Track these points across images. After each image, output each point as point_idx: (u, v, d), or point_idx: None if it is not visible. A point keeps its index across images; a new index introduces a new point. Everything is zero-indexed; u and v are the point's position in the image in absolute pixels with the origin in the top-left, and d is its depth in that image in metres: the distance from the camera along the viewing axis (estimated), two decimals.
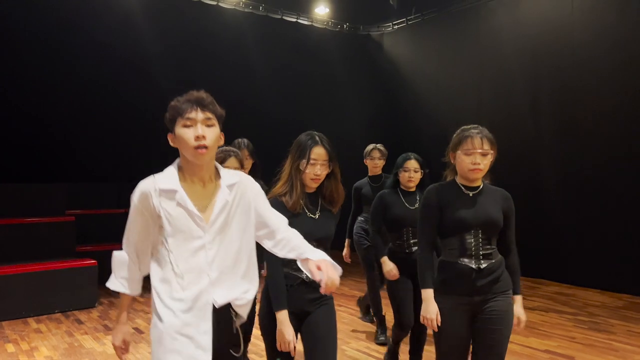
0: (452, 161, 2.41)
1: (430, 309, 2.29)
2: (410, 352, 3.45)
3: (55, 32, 6.62)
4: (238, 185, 1.81)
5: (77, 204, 6.64)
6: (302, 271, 2.15)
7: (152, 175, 1.75)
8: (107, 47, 6.94)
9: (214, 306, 1.71)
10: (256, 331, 2.75)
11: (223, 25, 8.00)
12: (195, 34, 7.69)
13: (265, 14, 8.47)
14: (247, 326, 2.15)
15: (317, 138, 2.36)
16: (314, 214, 2.33)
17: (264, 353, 2.37)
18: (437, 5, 8.28)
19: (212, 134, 1.72)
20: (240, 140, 3.90)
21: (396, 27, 9.17)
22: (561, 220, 6.59)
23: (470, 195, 2.36)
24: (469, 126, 2.42)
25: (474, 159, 2.31)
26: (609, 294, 5.97)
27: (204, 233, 1.71)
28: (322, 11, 9.02)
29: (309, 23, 9.06)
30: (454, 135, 2.44)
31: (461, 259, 2.30)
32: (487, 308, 2.29)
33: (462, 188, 2.38)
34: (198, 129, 1.69)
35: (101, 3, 6.96)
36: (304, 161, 2.30)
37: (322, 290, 1.70)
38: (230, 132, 7.04)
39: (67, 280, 5.23)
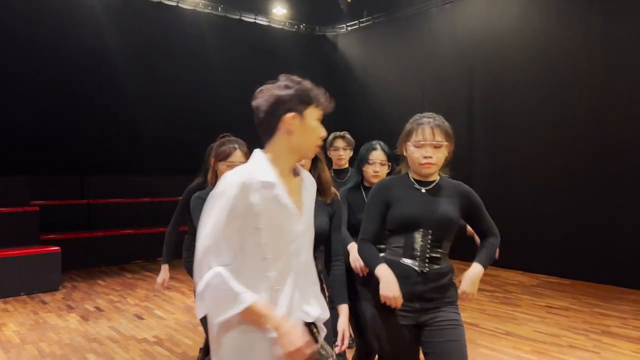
0: (404, 153, 2.16)
1: (392, 287, 1.96)
2: None
3: (19, 27, 6.92)
4: (313, 182, 1.71)
5: (42, 195, 7.00)
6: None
7: (240, 167, 1.58)
8: (69, 44, 7.30)
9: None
10: None
11: (183, 26, 8.42)
12: (156, 34, 8.08)
13: (223, 14, 8.93)
14: None
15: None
16: None
17: None
18: (385, 10, 8.89)
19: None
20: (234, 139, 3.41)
21: (349, 28, 9.74)
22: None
23: (423, 191, 2.12)
24: (422, 114, 2.21)
25: (425, 151, 2.08)
26: (528, 274, 6.70)
27: (299, 234, 1.56)
28: (279, 12, 9.51)
29: (267, 23, 9.54)
30: (407, 123, 2.22)
31: (403, 259, 2.06)
32: (434, 318, 2.04)
33: (414, 183, 2.14)
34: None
35: (63, 2, 7.29)
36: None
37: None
38: (188, 130, 7.64)
39: (32, 266, 5.65)
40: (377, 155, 2.78)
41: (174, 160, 8.31)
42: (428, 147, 2.06)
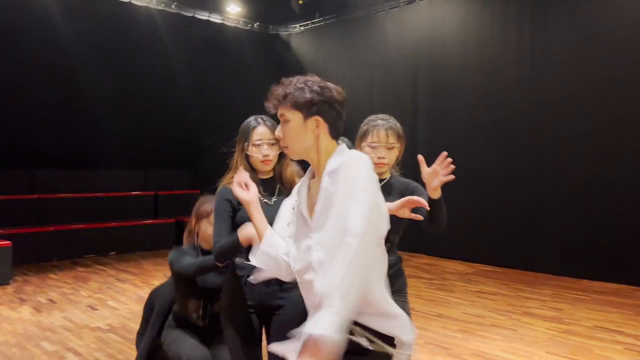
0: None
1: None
2: None
3: None
4: (337, 172, 1.48)
5: None
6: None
7: (349, 154, 1.53)
8: (21, 38, 7.25)
9: None
10: None
11: (137, 22, 8.45)
12: (110, 30, 8.10)
13: (177, 11, 9.01)
14: None
15: (259, 119, 2.24)
16: (269, 200, 2.15)
17: None
18: (336, 12, 9.22)
19: (285, 129, 1.63)
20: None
21: (302, 28, 10.02)
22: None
23: None
24: (377, 116, 2.31)
25: (379, 152, 2.21)
26: (465, 264, 7.21)
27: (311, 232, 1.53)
28: (233, 10, 9.67)
29: (221, 21, 9.69)
30: (362, 124, 2.32)
31: None
32: None
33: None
34: (277, 130, 1.70)
35: (16, 4, 7.22)
36: (247, 144, 2.19)
37: None
38: (141, 125, 7.77)
39: None
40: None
41: (126, 154, 8.39)
42: (382, 148, 2.20)
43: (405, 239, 2.49)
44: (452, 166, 2.02)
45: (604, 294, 5.58)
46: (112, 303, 5.15)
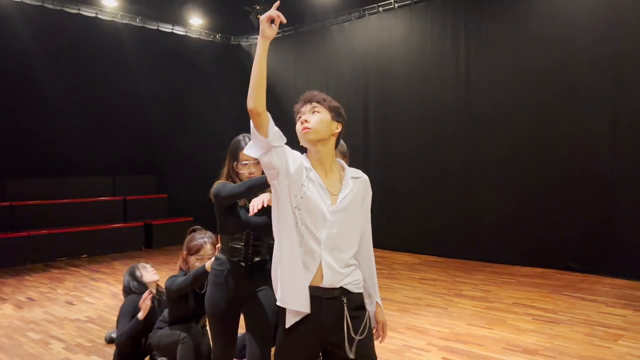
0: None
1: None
2: None
3: None
4: (361, 180, 2.04)
5: None
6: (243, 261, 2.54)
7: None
8: None
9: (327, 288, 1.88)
10: None
11: (102, 35, 8.88)
12: (76, 43, 8.51)
13: (142, 25, 9.48)
14: None
15: (246, 138, 2.53)
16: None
17: None
18: (294, 25, 9.85)
19: (315, 118, 1.95)
20: (203, 232, 3.48)
21: None
22: (383, 202, 8.49)
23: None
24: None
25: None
26: (413, 255, 7.93)
27: (330, 213, 1.89)
28: (195, 22, 10.16)
29: (184, 33, 10.19)
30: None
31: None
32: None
33: None
34: (303, 116, 1.98)
35: None
36: (236, 163, 2.55)
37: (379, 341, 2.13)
38: (107, 134, 8.31)
39: None
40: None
41: (93, 162, 8.81)
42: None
43: None
44: None
45: (529, 277, 6.37)
46: (88, 299, 5.63)
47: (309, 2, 8.80)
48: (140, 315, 3.33)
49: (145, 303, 3.33)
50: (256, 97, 1.83)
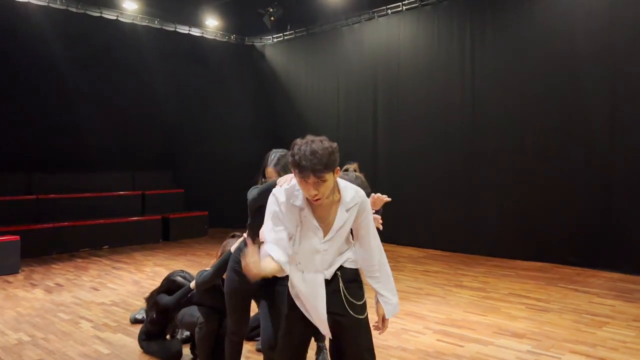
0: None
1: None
2: None
3: None
4: (355, 208, 2.23)
5: None
6: None
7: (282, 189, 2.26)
8: (19, 53, 8.10)
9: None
10: None
11: (123, 37, 9.32)
12: (99, 45, 8.96)
13: (160, 26, 9.90)
14: None
15: (271, 157, 2.97)
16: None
17: None
18: (306, 26, 10.20)
19: (324, 189, 2.10)
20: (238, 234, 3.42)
21: (275, 40, 10.96)
22: (388, 194, 8.81)
23: None
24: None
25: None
26: (419, 249, 8.24)
27: (322, 243, 2.21)
28: (211, 24, 10.56)
29: (200, 34, 10.58)
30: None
31: None
32: None
33: None
34: (311, 190, 2.09)
35: (7, 18, 8.02)
36: (264, 175, 2.99)
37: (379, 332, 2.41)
38: (127, 133, 8.80)
39: None
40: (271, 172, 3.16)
41: (114, 158, 9.27)
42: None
43: None
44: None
45: (528, 271, 6.65)
46: (112, 285, 6.06)
47: (320, 4, 9.14)
48: (192, 285, 3.52)
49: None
50: None
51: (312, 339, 3.56)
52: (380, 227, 2.79)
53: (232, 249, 3.08)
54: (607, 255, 6.52)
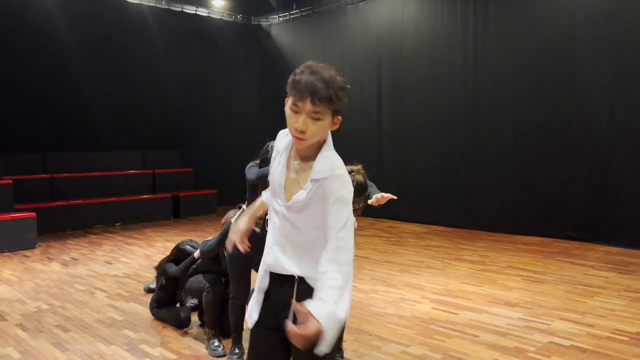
0: None
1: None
2: None
3: None
4: (321, 184, 1.65)
5: (9, 170, 7.99)
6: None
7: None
8: (27, 35, 8.27)
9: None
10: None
11: (130, 18, 9.45)
12: (106, 26, 9.10)
13: (167, 7, 10.00)
14: None
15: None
16: None
17: None
18: (311, 5, 10.25)
19: (315, 128, 1.64)
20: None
21: (281, 19, 11.02)
22: (396, 176, 8.98)
23: None
24: None
25: None
26: (422, 225, 8.42)
27: (281, 206, 1.75)
28: (218, 3, 10.63)
29: (207, 14, 10.67)
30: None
31: None
32: None
33: None
34: (300, 121, 1.63)
35: (24, 1, 8.19)
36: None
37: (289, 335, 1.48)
38: (137, 112, 9.05)
39: (13, 228, 6.80)
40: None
41: (124, 138, 9.49)
42: None
43: (371, 207, 3.19)
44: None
45: (528, 245, 6.80)
46: (124, 259, 6.32)
47: None
48: (196, 254, 3.79)
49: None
50: None
51: None
52: (394, 197, 2.92)
53: (233, 220, 3.27)
54: (605, 230, 6.65)
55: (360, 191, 2.98)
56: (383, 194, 2.99)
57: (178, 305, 4.23)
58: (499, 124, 7.63)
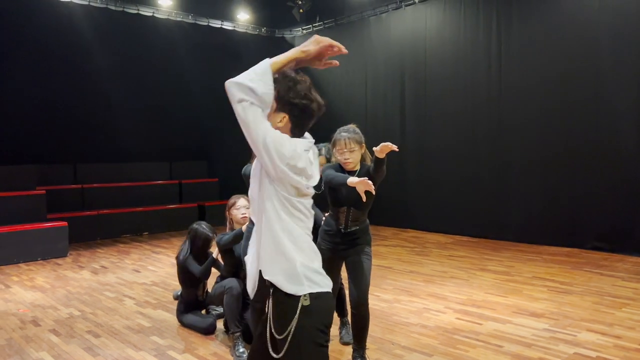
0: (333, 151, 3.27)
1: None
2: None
3: (20, 35, 8.17)
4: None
5: (42, 180, 8.27)
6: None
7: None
8: (62, 51, 8.59)
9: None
10: None
11: (159, 32, 9.74)
12: (136, 41, 9.40)
13: (193, 21, 10.26)
14: None
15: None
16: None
17: None
18: (334, 17, 10.38)
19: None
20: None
21: (304, 31, 11.18)
22: (419, 187, 8.98)
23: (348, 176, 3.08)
24: (341, 128, 3.24)
25: (344, 155, 3.17)
26: (446, 236, 8.37)
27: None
28: (243, 17, 10.85)
29: (232, 28, 10.90)
30: (334, 134, 3.23)
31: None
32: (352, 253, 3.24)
33: (343, 171, 3.19)
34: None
35: (51, 17, 8.51)
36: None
37: None
38: (163, 125, 9.29)
39: (46, 237, 7.03)
40: (321, 159, 3.70)
41: (152, 149, 9.73)
42: (346, 152, 3.16)
43: (395, 217, 3.55)
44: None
45: (555, 255, 6.71)
46: (152, 268, 6.46)
47: None
48: (215, 253, 4.12)
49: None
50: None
51: (335, 313, 3.85)
52: (373, 191, 2.81)
53: (243, 228, 3.58)
54: (635, 241, 6.51)
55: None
56: (385, 142, 2.95)
57: (204, 312, 4.32)
58: (525, 134, 7.57)
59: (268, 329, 1.79)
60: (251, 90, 1.75)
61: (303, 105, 1.84)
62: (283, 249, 1.76)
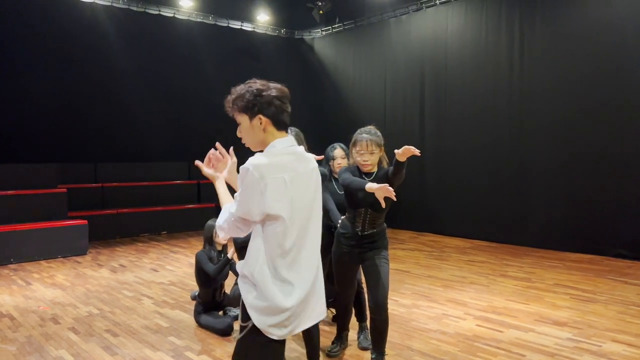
0: (352, 153, 3.22)
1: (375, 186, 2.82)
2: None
3: (40, 38, 8.29)
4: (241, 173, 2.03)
5: (63, 179, 8.37)
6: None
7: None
8: (85, 52, 8.69)
9: None
10: None
11: (179, 33, 9.79)
12: (157, 40, 9.47)
13: (214, 22, 10.30)
14: None
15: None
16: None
17: None
18: (353, 18, 10.33)
19: (242, 134, 2.06)
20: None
21: (324, 33, 11.15)
22: (438, 191, 8.87)
23: (365, 179, 3.09)
24: (362, 129, 3.18)
25: (363, 157, 3.13)
26: (465, 240, 8.26)
27: None
28: (262, 18, 10.86)
29: (252, 29, 10.92)
30: (354, 134, 3.19)
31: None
32: (371, 255, 3.21)
33: (362, 174, 3.18)
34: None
35: (74, 18, 8.62)
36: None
37: None
38: (183, 126, 9.32)
39: (66, 235, 7.11)
40: (338, 152, 3.88)
41: (171, 149, 9.79)
42: (366, 154, 3.12)
43: (413, 220, 3.50)
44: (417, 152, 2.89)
45: (577, 262, 6.57)
46: (170, 267, 6.49)
47: None
48: (230, 254, 4.17)
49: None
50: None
51: (354, 318, 3.80)
52: (394, 198, 2.81)
53: None
54: None
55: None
56: (407, 146, 2.87)
57: (221, 313, 4.31)
58: (547, 138, 7.43)
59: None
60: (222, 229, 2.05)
61: (266, 98, 1.93)
62: None
